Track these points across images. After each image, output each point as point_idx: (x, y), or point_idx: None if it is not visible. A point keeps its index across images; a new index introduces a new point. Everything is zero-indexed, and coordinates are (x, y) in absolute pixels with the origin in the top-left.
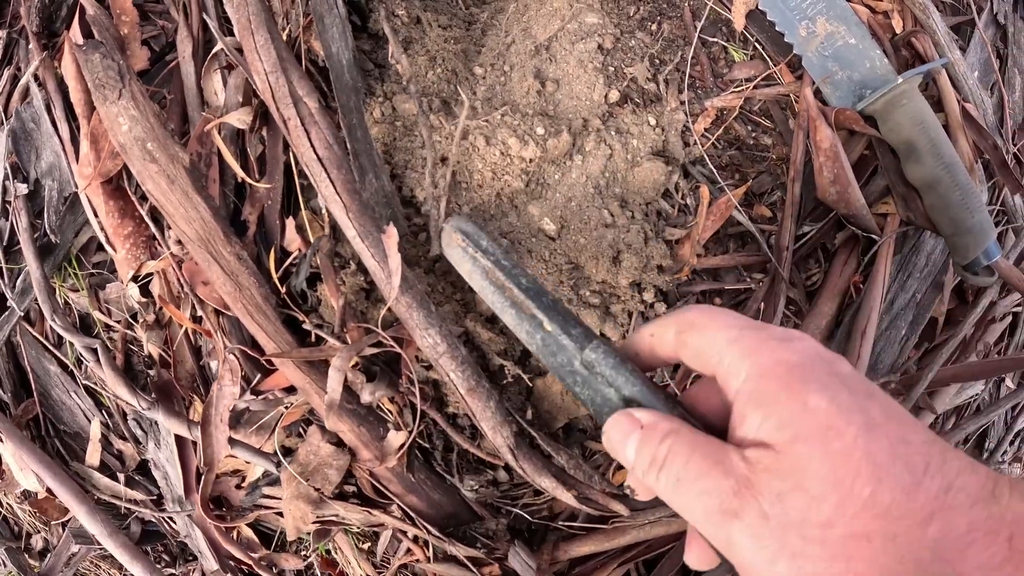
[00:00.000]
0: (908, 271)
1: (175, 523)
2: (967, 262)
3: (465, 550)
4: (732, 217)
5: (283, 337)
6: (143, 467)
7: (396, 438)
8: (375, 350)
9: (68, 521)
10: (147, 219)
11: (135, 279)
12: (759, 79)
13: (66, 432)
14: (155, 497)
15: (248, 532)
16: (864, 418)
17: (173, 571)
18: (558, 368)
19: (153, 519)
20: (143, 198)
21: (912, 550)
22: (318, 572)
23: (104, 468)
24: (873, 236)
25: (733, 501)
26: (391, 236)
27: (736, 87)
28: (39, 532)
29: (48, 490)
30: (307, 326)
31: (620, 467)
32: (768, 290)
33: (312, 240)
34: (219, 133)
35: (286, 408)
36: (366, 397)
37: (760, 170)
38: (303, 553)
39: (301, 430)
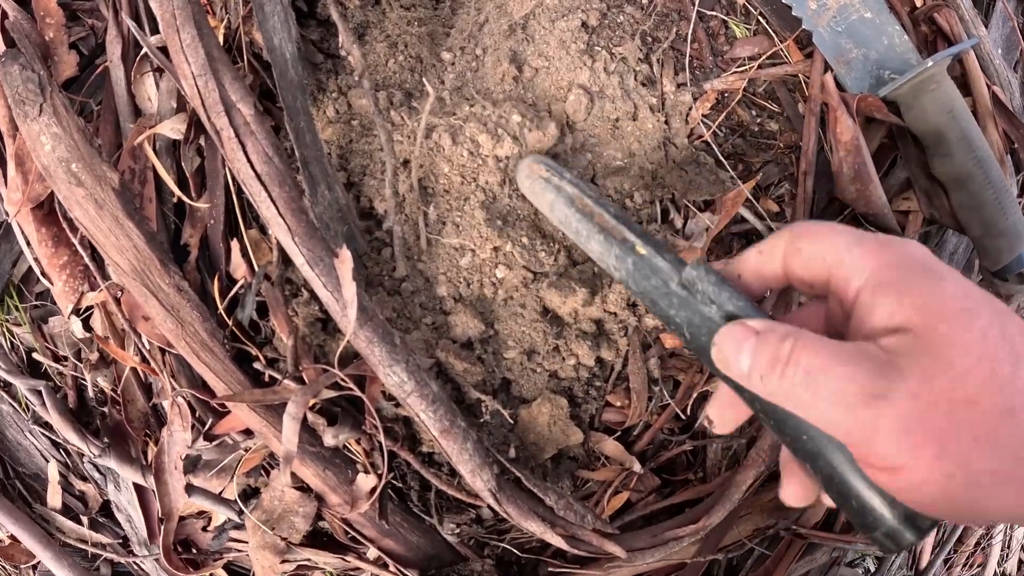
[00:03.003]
0: None
1: (144, 566)
2: (998, 267)
3: None
4: (737, 213)
5: (234, 376)
6: (107, 507)
7: (366, 482)
8: (334, 392)
9: (37, 564)
10: (80, 248)
11: (76, 312)
12: (764, 58)
13: (25, 473)
14: (121, 539)
15: (222, 574)
16: (995, 306)
17: None
18: (650, 292)
19: (123, 562)
20: (75, 226)
21: None
22: None
23: (67, 510)
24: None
25: (879, 383)
26: (344, 261)
27: (738, 67)
28: None
29: (11, 536)
30: (259, 365)
31: (616, 493)
32: (778, 296)
33: (258, 266)
34: (152, 145)
35: (245, 452)
36: (329, 440)
37: (766, 159)
38: None
39: (265, 469)
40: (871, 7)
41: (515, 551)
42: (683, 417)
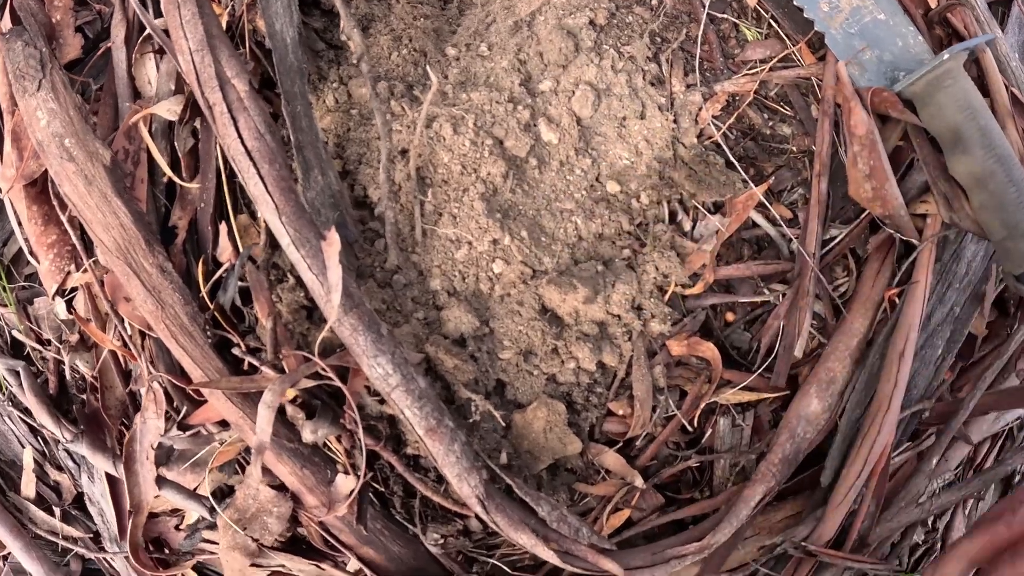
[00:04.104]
0: (948, 281)
1: (115, 564)
2: (1021, 271)
3: None
4: (749, 218)
5: (212, 363)
6: (81, 499)
7: (346, 483)
8: (315, 382)
9: (8, 555)
10: (68, 227)
11: (61, 293)
12: (775, 60)
13: (1, 459)
14: (93, 534)
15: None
16: None
17: None
18: None
19: (93, 558)
20: (64, 203)
21: None
22: None
23: (41, 500)
24: (911, 241)
25: None
26: (332, 244)
27: (749, 69)
28: None
29: None
30: (239, 352)
31: (616, 510)
32: (791, 304)
33: (243, 249)
34: (148, 126)
35: (220, 444)
36: (307, 436)
37: (778, 164)
38: None
39: (241, 465)
40: (884, 8)
41: (505, 568)
42: (690, 430)
